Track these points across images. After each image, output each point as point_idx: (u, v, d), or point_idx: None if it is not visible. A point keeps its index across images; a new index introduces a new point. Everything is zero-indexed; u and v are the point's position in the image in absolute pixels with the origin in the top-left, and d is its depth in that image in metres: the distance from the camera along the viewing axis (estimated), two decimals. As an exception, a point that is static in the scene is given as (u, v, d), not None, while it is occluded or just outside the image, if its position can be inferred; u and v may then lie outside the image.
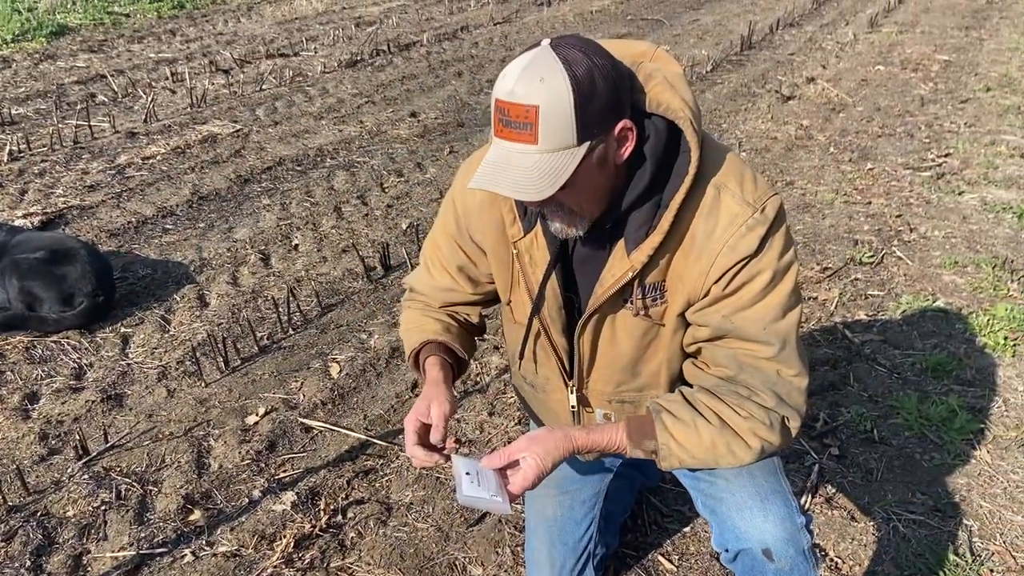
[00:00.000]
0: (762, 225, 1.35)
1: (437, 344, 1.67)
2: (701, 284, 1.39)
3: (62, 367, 2.99)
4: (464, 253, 1.65)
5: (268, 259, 3.80)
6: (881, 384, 2.87)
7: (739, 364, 1.41)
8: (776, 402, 1.41)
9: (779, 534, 1.49)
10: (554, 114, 1.21)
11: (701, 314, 1.42)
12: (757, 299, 1.37)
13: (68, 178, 4.59)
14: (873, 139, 5.35)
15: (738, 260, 1.35)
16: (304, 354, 3.09)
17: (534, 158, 1.24)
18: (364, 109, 5.90)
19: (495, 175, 1.27)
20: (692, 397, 1.46)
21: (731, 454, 1.43)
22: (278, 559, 2.16)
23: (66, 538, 2.23)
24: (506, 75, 1.25)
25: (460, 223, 1.62)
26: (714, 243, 1.36)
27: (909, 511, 2.32)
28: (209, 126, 5.46)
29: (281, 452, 2.58)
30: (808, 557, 1.52)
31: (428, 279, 1.73)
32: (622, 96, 1.28)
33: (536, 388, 1.75)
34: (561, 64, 1.21)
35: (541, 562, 1.96)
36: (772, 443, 1.43)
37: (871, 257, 3.78)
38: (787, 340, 1.39)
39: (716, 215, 1.36)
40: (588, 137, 1.25)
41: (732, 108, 5.97)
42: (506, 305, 1.65)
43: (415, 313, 1.75)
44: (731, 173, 1.38)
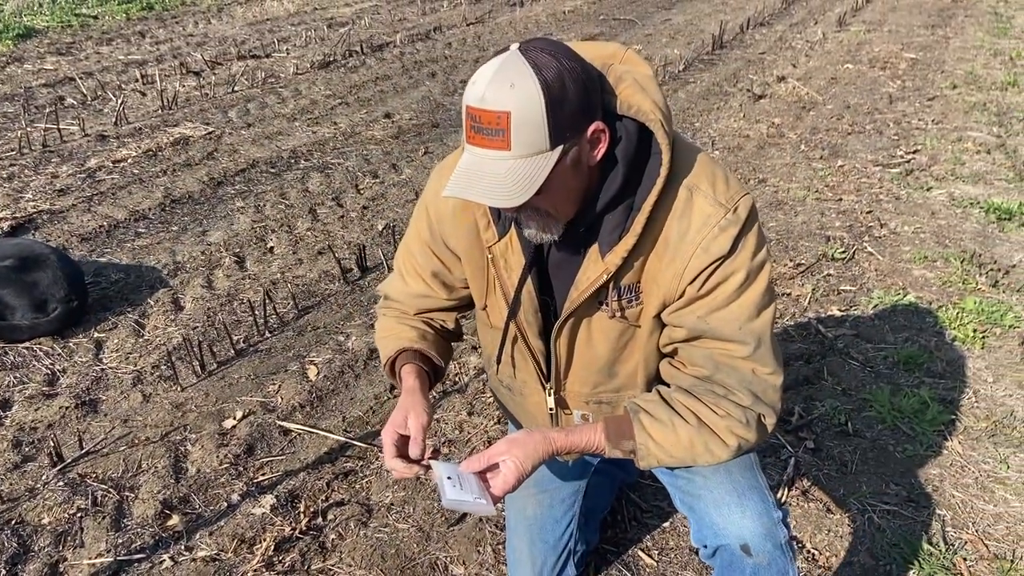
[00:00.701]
0: (735, 225, 1.36)
1: (413, 352, 1.65)
2: (676, 286, 1.40)
3: (34, 374, 2.95)
4: (438, 259, 1.64)
5: (243, 262, 3.77)
6: (854, 378, 2.91)
7: (715, 364, 1.43)
8: (752, 400, 1.42)
9: (757, 529, 1.51)
10: (526, 120, 1.21)
11: (676, 315, 1.43)
12: (731, 299, 1.39)
13: (37, 182, 4.53)
14: (843, 136, 5.42)
15: (712, 261, 1.36)
16: (281, 357, 3.07)
17: (507, 164, 1.24)
18: (338, 110, 5.88)
19: (469, 183, 1.27)
20: (669, 397, 1.47)
21: (709, 452, 1.45)
22: (258, 562, 2.15)
23: (42, 546, 2.20)
24: (476, 81, 1.24)
25: (434, 229, 1.61)
26: (687, 245, 1.37)
27: (883, 502, 2.36)
28: (181, 128, 5.41)
29: (259, 455, 2.56)
30: (785, 551, 1.54)
31: (402, 286, 1.71)
32: (593, 98, 1.28)
33: (514, 391, 1.75)
34: (531, 68, 1.21)
35: (522, 560, 1.97)
36: (749, 440, 1.44)
37: (843, 253, 3.84)
38: (762, 339, 1.41)
39: (689, 217, 1.37)
40: (561, 141, 1.25)
41: (705, 107, 6.02)
42: (482, 310, 1.64)
43: (390, 321, 1.73)
44: (703, 174, 1.39)
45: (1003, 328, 3.19)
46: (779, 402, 1.47)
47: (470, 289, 1.66)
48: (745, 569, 1.53)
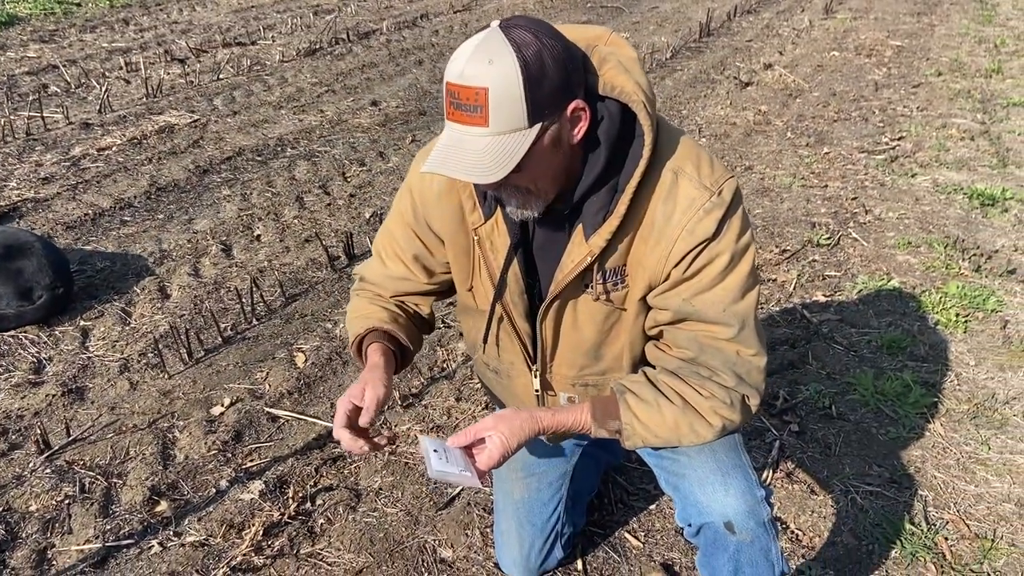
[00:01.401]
0: (719, 208, 1.38)
1: (382, 332, 1.64)
2: (661, 268, 1.41)
3: (20, 362, 2.94)
4: (421, 242, 1.64)
5: (230, 250, 3.76)
6: (839, 362, 2.94)
7: (700, 346, 1.44)
8: (736, 381, 1.44)
9: (740, 507, 1.53)
10: (503, 96, 1.22)
11: (662, 298, 1.45)
12: (716, 281, 1.40)
13: (21, 170, 4.49)
14: (829, 124, 5.45)
15: (697, 243, 1.38)
16: (269, 344, 3.07)
17: (485, 141, 1.25)
18: (324, 98, 5.85)
19: (447, 158, 1.28)
20: (655, 378, 1.48)
21: (693, 432, 1.47)
22: (247, 547, 2.15)
23: (29, 532, 2.20)
24: (456, 58, 1.25)
25: (417, 211, 1.61)
26: (673, 227, 1.38)
27: (866, 483, 2.39)
28: (166, 116, 5.37)
29: (248, 442, 2.57)
30: (768, 528, 1.56)
31: (381, 268, 1.70)
32: (573, 77, 1.28)
33: (500, 374, 1.76)
34: (510, 46, 1.21)
35: (510, 543, 1.99)
36: (733, 421, 1.46)
37: (828, 239, 3.86)
38: (746, 321, 1.43)
39: (674, 199, 1.38)
40: (539, 119, 1.25)
41: (692, 95, 6.03)
42: (467, 291, 1.64)
43: (362, 301, 1.72)
44: (687, 157, 1.41)
45: (985, 312, 3.23)
46: (763, 383, 1.49)
47: (452, 273, 1.66)
48: (728, 546, 1.55)
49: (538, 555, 1.97)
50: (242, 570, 2.10)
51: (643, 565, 2.13)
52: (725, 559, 1.57)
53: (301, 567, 2.12)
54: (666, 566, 2.13)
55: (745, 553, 1.55)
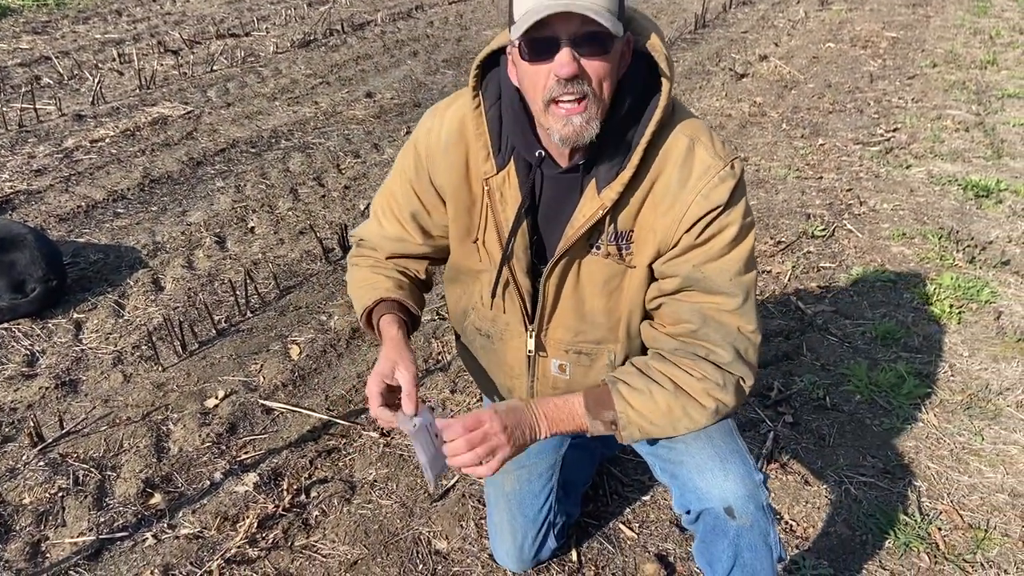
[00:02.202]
0: (732, 179, 1.41)
1: (391, 302, 1.65)
2: (672, 232, 1.43)
3: (13, 354, 2.93)
4: (419, 200, 1.63)
5: (224, 242, 3.75)
6: (833, 353, 2.95)
7: (703, 317, 1.45)
8: (733, 358, 1.45)
9: (740, 491, 1.53)
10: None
11: (671, 264, 1.46)
12: (725, 251, 1.43)
13: (14, 162, 4.47)
14: (824, 115, 5.44)
15: (710, 209, 1.40)
16: (263, 336, 3.07)
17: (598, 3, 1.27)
18: (319, 90, 5.83)
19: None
20: (645, 366, 1.50)
21: (687, 417, 1.47)
22: (241, 539, 2.15)
23: (23, 525, 2.20)
24: None
25: (420, 166, 1.60)
26: (688, 192, 1.40)
27: (860, 474, 2.39)
28: (159, 108, 5.35)
29: (242, 434, 2.56)
30: (767, 512, 1.57)
31: (377, 228, 1.71)
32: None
33: (492, 338, 1.72)
34: None
35: (503, 534, 1.99)
36: (726, 403, 1.47)
37: (823, 230, 3.86)
38: (749, 293, 1.45)
39: (690, 165, 1.41)
40: (621, 19, 1.31)
41: (687, 86, 6.02)
42: (472, 243, 1.61)
43: (365, 271, 1.73)
44: (701, 130, 1.44)
45: (979, 303, 3.23)
46: (756, 364, 1.50)
47: (449, 234, 1.64)
48: (729, 531, 1.55)
49: (531, 546, 1.98)
50: (236, 562, 2.10)
51: (638, 556, 2.14)
52: (725, 544, 1.57)
53: (296, 559, 2.11)
54: (660, 557, 2.13)
55: (745, 538, 1.55)
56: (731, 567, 1.59)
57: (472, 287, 1.68)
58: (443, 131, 1.55)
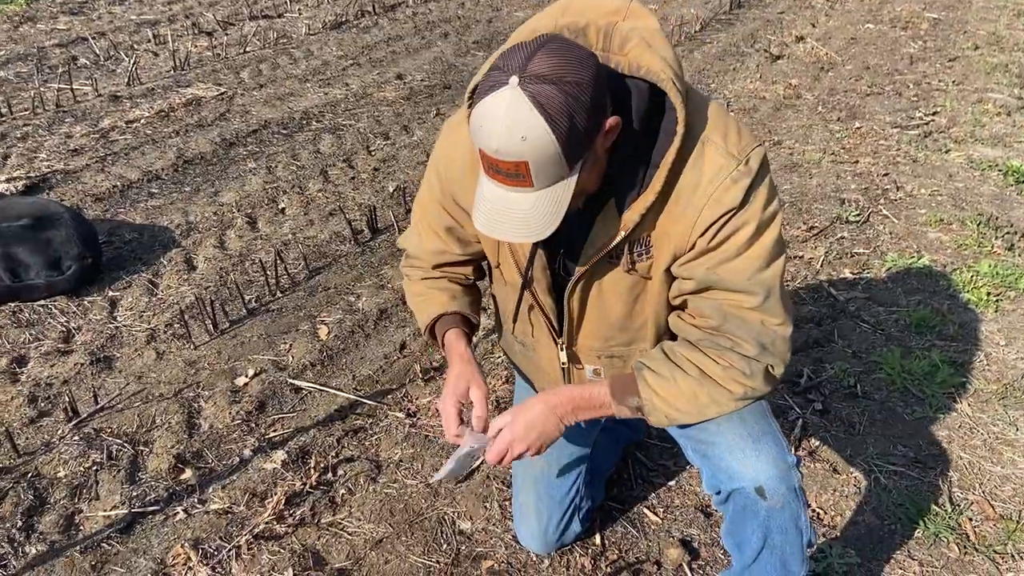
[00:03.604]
0: (747, 177, 1.36)
1: (451, 315, 1.71)
2: (687, 238, 1.40)
3: (50, 331, 2.99)
4: (450, 215, 1.65)
5: (255, 222, 3.78)
6: (865, 340, 2.90)
7: (724, 314, 1.43)
8: (759, 351, 1.43)
9: (772, 472, 1.52)
10: (543, 163, 1.21)
11: (686, 267, 1.43)
12: (742, 250, 1.39)
13: (51, 142, 4.54)
14: (862, 98, 5.34)
15: (723, 213, 1.36)
16: (292, 316, 3.09)
17: (532, 199, 1.25)
18: (350, 71, 5.84)
19: (498, 221, 1.29)
20: (672, 352, 1.49)
21: (714, 403, 1.46)
22: (269, 515, 2.18)
23: (57, 498, 2.25)
24: (483, 126, 1.20)
25: (444, 187, 1.61)
26: (699, 197, 1.36)
27: (890, 463, 2.36)
28: (193, 89, 5.39)
29: (271, 412, 2.59)
30: (799, 495, 1.55)
31: (418, 241, 1.74)
32: (601, 102, 1.24)
33: (527, 347, 1.77)
34: (537, 111, 1.16)
35: (528, 516, 2.00)
36: (755, 389, 1.46)
37: (857, 216, 3.80)
38: (771, 290, 1.41)
39: (700, 168, 1.36)
40: (577, 159, 1.25)
41: (721, 68, 5.93)
42: (496, 267, 1.66)
43: (418, 284, 1.77)
44: (715, 126, 1.38)
45: (1017, 291, 3.16)
46: (788, 352, 1.48)
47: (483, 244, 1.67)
48: (759, 512, 1.54)
49: (556, 529, 1.98)
50: (264, 538, 2.13)
51: (662, 541, 2.13)
52: (755, 526, 1.55)
53: (322, 536, 2.14)
54: (684, 542, 2.12)
55: (776, 519, 1.54)
56: (760, 549, 1.58)
57: (506, 301, 1.72)
58: (458, 156, 1.54)
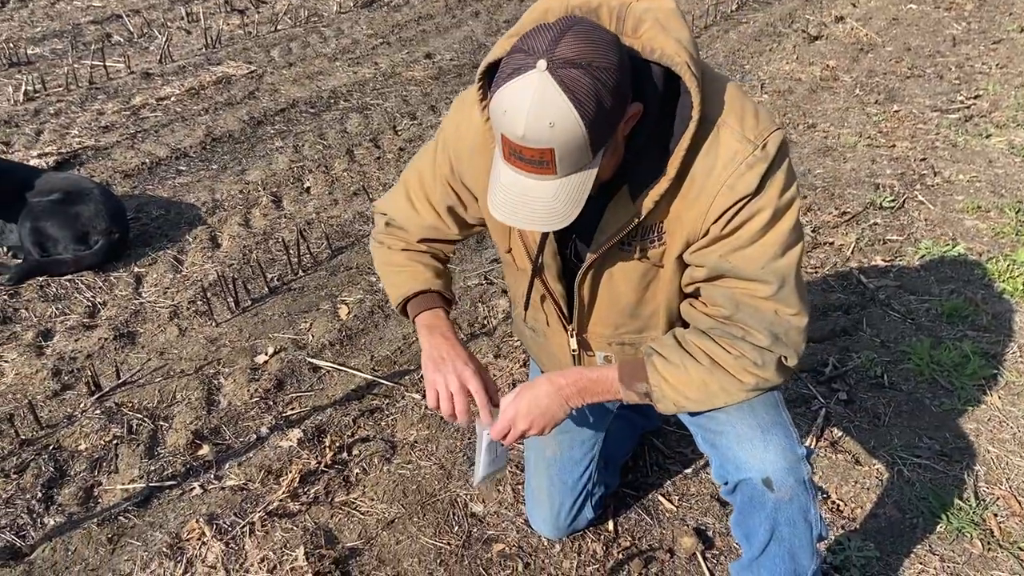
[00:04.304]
0: (763, 162, 1.31)
1: (433, 294, 1.67)
2: (700, 225, 1.36)
3: (76, 305, 3.02)
4: (455, 194, 1.61)
5: (280, 201, 3.79)
6: (894, 329, 2.83)
7: (736, 303, 1.39)
8: (772, 341, 1.39)
9: (780, 464, 1.48)
10: (570, 150, 1.17)
11: (699, 255, 1.39)
12: (756, 238, 1.34)
13: (83, 118, 4.59)
14: (901, 80, 5.19)
15: (737, 199, 1.31)
16: (314, 295, 3.10)
17: (554, 186, 1.22)
18: (379, 50, 5.82)
19: (516, 208, 1.25)
20: (683, 339, 1.45)
21: (724, 392, 1.43)
22: (284, 493, 2.19)
23: (77, 471, 2.28)
24: (508, 111, 1.16)
25: (453, 166, 1.57)
26: (713, 182, 1.32)
27: (915, 455, 2.31)
28: (224, 67, 5.41)
29: (289, 391, 2.60)
30: (808, 487, 1.51)
31: (412, 214, 1.67)
32: (625, 89, 1.21)
33: (538, 333, 1.75)
34: (566, 97, 1.13)
35: (540, 500, 1.98)
36: (767, 379, 1.42)
37: (892, 201, 3.70)
38: (786, 279, 1.37)
39: (715, 153, 1.31)
40: (601, 146, 1.21)
41: (756, 48, 5.81)
42: (506, 253, 1.62)
43: (399, 255, 1.70)
44: (731, 110, 1.33)
45: (1056, 282, 3.06)
46: (803, 343, 1.44)
47: (489, 229, 1.64)
48: (767, 504, 1.50)
49: (568, 514, 1.96)
50: (278, 515, 2.14)
51: (675, 529, 2.10)
52: (762, 517, 1.52)
53: (335, 515, 2.15)
54: (699, 531, 2.09)
55: (783, 512, 1.50)
56: (767, 541, 1.55)
57: (516, 286, 1.69)
58: (469, 134, 1.51)
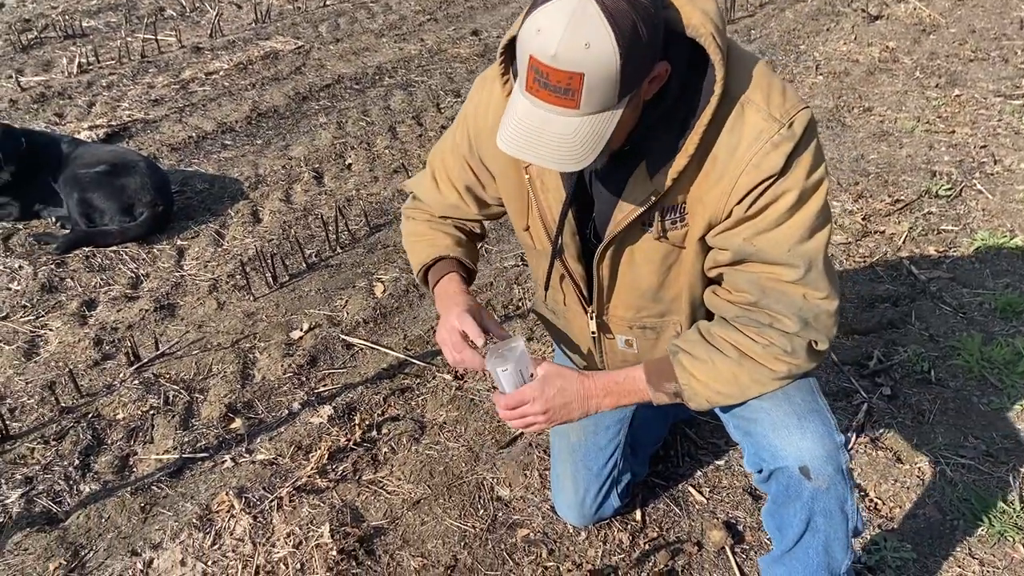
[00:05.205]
0: (789, 141, 1.25)
1: (451, 260, 1.65)
2: (723, 205, 1.31)
3: (119, 276, 3.08)
4: (474, 174, 1.60)
5: (321, 177, 3.80)
6: (944, 323, 2.73)
7: (761, 289, 1.34)
8: (801, 326, 1.34)
9: (817, 451, 1.42)
10: (599, 80, 1.11)
11: (722, 237, 1.34)
12: (782, 220, 1.29)
13: (134, 92, 4.66)
14: (964, 63, 4.98)
15: (762, 179, 1.26)
16: (350, 273, 3.11)
17: (575, 123, 1.16)
18: (426, 27, 5.79)
19: (530, 142, 1.18)
20: (708, 332, 1.41)
21: (756, 383, 1.39)
22: (312, 469, 2.20)
23: (114, 439, 2.33)
24: (542, 30, 1.10)
25: (472, 144, 1.56)
26: (736, 161, 1.27)
27: (959, 455, 2.22)
28: (272, 42, 5.44)
29: (322, 367, 2.61)
30: (846, 476, 1.46)
31: (434, 193, 1.68)
32: (658, 42, 1.16)
33: (558, 315, 1.72)
34: (606, 21, 1.08)
35: (565, 487, 1.96)
36: (798, 366, 1.38)
37: (948, 190, 3.56)
38: (813, 262, 1.31)
39: (740, 131, 1.26)
40: (628, 93, 1.16)
41: (813, 28, 5.63)
42: (524, 231, 1.60)
43: (422, 224, 1.72)
44: (757, 86, 1.28)
45: (1121, 278, 2.91)
46: (834, 327, 1.38)
47: (506, 208, 1.61)
48: (803, 492, 1.45)
49: (593, 501, 1.93)
50: (306, 491, 2.15)
51: (705, 521, 2.06)
52: (798, 507, 1.47)
53: (362, 493, 2.15)
54: (729, 524, 2.05)
55: (820, 501, 1.45)
56: (802, 532, 1.50)
57: (536, 266, 1.66)
58: (490, 112, 1.48)
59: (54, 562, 1.95)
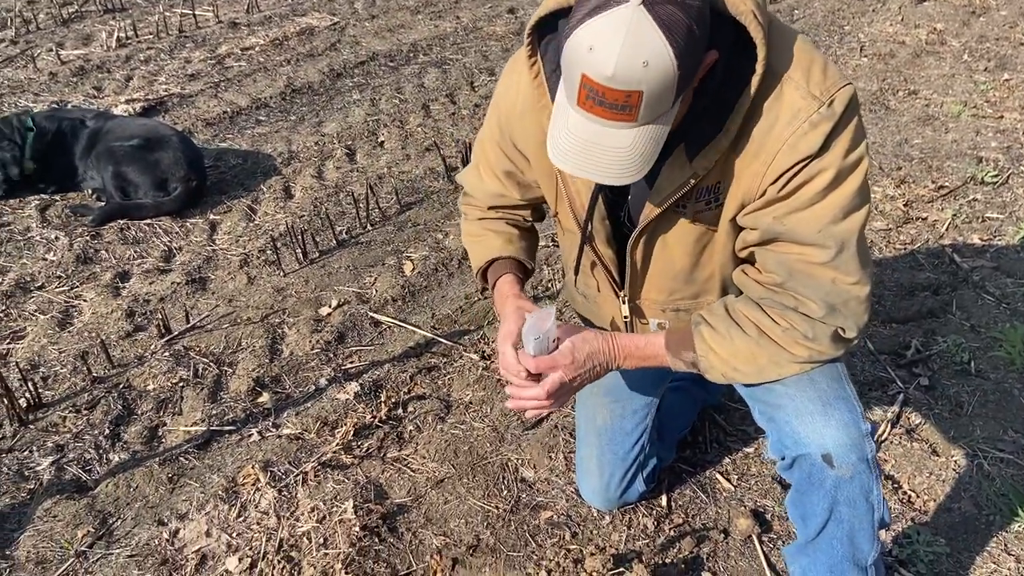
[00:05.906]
0: (828, 121, 1.20)
1: (506, 260, 1.65)
2: (757, 185, 1.27)
3: (153, 249, 3.10)
4: (509, 159, 1.58)
5: (353, 154, 3.79)
6: (986, 314, 2.64)
7: (789, 270, 1.30)
8: (826, 312, 1.30)
9: (842, 439, 1.39)
10: (658, 93, 1.08)
11: (752, 216, 1.30)
12: (816, 200, 1.25)
13: (171, 66, 4.69)
14: (1015, 47, 4.82)
15: (798, 160, 1.22)
16: (380, 250, 3.10)
17: (631, 136, 1.13)
18: (462, 4, 5.74)
19: (586, 158, 1.15)
20: (732, 309, 1.39)
21: (775, 365, 1.37)
22: (338, 445, 2.21)
23: (144, 410, 2.35)
24: (595, 48, 1.05)
25: (503, 129, 1.54)
26: (773, 141, 1.22)
27: (998, 449, 2.16)
28: (308, 18, 5.44)
29: (350, 344, 2.61)
30: (872, 466, 1.41)
31: (478, 182, 1.68)
32: (707, 30, 1.13)
33: (589, 300, 1.70)
34: (662, 35, 1.04)
35: (590, 469, 1.93)
36: (820, 352, 1.34)
37: (995, 176, 3.45)
38: (846, 244, 1.26)
39: (777, 110, 1.22)
40: (682, 92, 1.13)
41: (859, 9, 5.49)
42: (554, 216, 1.59)
43: (475, 224, 1.72)
44: (798, 64, 1.23)
45: None
46: (865, 315, 1.34)
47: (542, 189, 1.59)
48: (826, 481, 1.41)
49: (618, 485, 1.91)
50: (331, 466, 2.16)
51: (732, 509, 2.03)
52: (821, 495, 1.43)
53: (386, 470, 2.15)
54: (756, 513, 2.01)
55: (844, 490, 1.41)
56: (825, 521, 1.46)
57: (566, 251, 1.64)
58: (519, 96, 1.45)
59: (82, 529, 1.98)
